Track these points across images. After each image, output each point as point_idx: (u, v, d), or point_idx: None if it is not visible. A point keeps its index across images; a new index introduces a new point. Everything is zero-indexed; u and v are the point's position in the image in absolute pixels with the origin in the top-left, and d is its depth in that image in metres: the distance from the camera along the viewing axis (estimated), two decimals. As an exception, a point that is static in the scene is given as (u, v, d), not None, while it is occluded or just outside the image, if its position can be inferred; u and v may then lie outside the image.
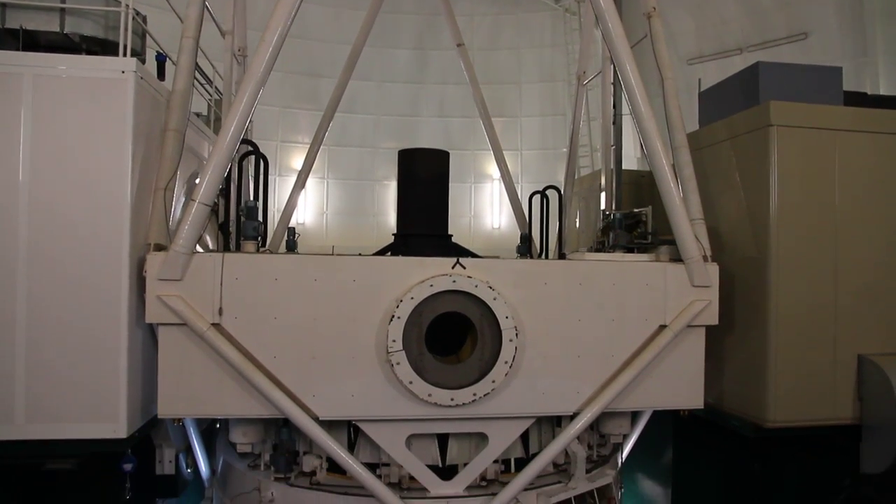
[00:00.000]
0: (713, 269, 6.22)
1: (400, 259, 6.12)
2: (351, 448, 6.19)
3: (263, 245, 6.87)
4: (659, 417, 7.95)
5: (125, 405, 5.47)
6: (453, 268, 5.64)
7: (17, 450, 5.46)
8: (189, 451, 7.26)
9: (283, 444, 6.32)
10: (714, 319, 6.23)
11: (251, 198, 6.78)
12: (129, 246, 5.45)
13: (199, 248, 5.82)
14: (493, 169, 14.75)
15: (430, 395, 5.52)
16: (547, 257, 8.91)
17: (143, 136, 5.67)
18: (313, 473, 6.20)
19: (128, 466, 5.88)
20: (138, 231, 5.60)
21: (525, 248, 8.86)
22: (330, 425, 6.11)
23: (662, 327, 6.10)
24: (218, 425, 7.43)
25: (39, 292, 5.39)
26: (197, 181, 5.81)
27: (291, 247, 6.94)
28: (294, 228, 7.41)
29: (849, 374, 6.69)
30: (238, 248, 6.24)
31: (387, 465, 6.06)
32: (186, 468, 7.49)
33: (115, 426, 5.45)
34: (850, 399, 6.66)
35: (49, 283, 5.40)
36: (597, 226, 8.65)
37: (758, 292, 6.66)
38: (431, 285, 5.51)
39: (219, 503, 6.97)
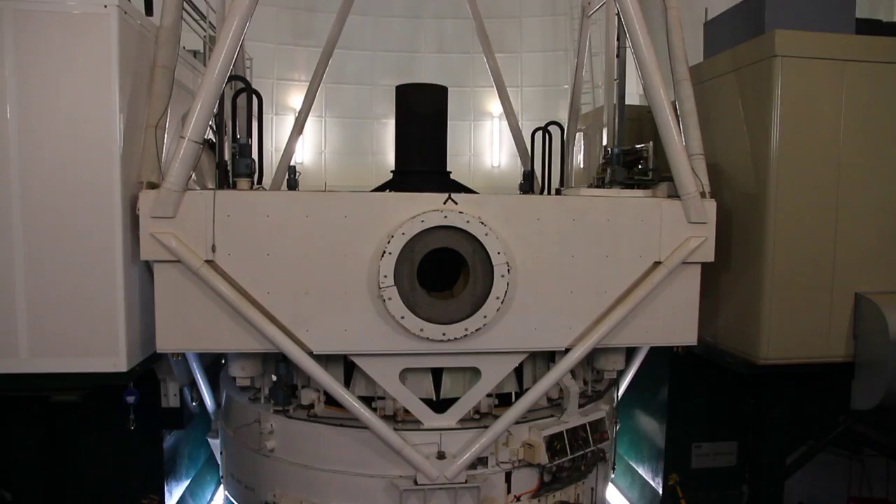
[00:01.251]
0: (710, 206, 6.14)
1: (391, 195, 6.11)
2: (348, 383, 6.34)
3: (259, 183, 6.87)
4: (655, 355, 8.03)
5: (124, 340, 5.59)
6: (445, 203, 5.61)
7: (24, 383, 5.63)
8: (193, 385, 7.46)
9: (281, 378, 6.47)
10: (710, 256, 6.19)
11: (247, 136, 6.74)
12: (120, 184, 5.45)
13: (197, 188, 5.82)
14: (492, 106, 14.45)
15: (421, 329, 5.58)
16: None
17: (129, 72, 5.59)
18: (311, 406, 6.37)
19: (130, 399, 6.05)
20: (130, 169, 5.61)
21: (528, 185, 8.77)
22: (327, 360, 6.24)
23: (657, 264, 6.07)
24: (224, 360, 7.60)
25: (35, 233, 5.45)
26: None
27: (293, 186, 6.93)
28: (295, 167, 7.38)
29: (844, 313, 6.68)
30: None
31: (382, 398, 6.19)
32: (192, 402, 7.71)
33: (116, 360, 5.59)
34: (844, 337, 6.67)
35: (43, 224, 5.45)
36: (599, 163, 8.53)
37: (755, 230, 6.59)
38: (423, 221, 5.50)
39: (224, 435, 7.20)
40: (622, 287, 6.03)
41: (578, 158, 10.77)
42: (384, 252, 5.47)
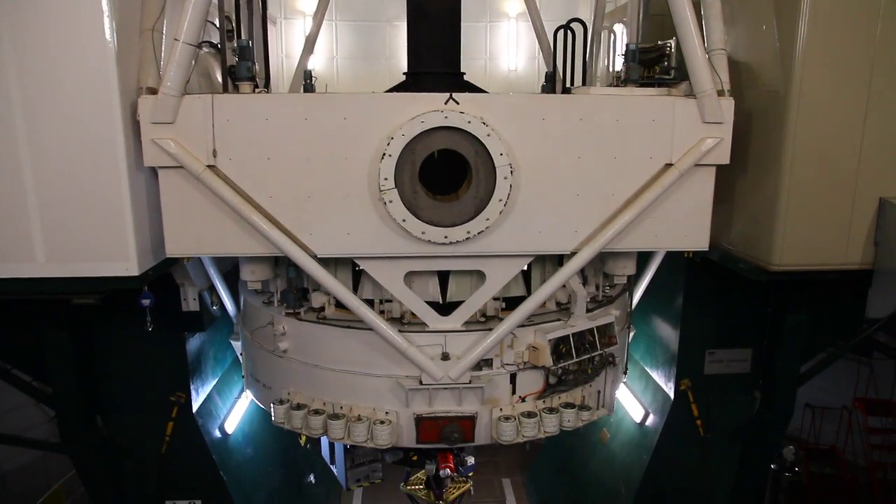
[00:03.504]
0: (727, 105, 5.82)
1: (390, 95, 5.94)
2: (357, 287, 6.43)
3: (266, 87, 6.77)
4: (673, 262, 7.93)
5: (134, 245, 5.72)
6: (446, 103, 5.46)
7: (42, 286, 5.86)
8: (213, 289, 7.69)
9: (291, 281, 6.60)
10: (725, 158, 5.93)
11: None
12: (118, 89, 5.39)
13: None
14: (508, 6, 13.70)
15: (423, 232, 5.56)
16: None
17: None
18: (322, 309, 6.51)
19: (145, 302, 6.27)
20: (128, 74, 5.53)
21: (550, 87, 8.43)
22: (336, 264, 6.32)
23: (668, 166, 5.87)
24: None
25: (40, 143, 5.49)
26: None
27: (309, 91, 6.81)
28: (311, 72, 7.21)
29: (865, 218, 6.42)
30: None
31: (389, 301, 6.29)
32: (213, 305, 7.97)
33: (127, 265, 5.74)
34: (863, 243, 6.44)
35: (48, 133, 5.47)
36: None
37: (776, 129, 6.28)
38: (423, 122, 5.36)
39: (243, 337, 7.46)
40: (631, 190, 5.86)
41: (604, 59, 10.29)
42: (384, 154, 5.39)
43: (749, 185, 6.75)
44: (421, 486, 8.80)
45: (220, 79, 6.44)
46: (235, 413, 9.17)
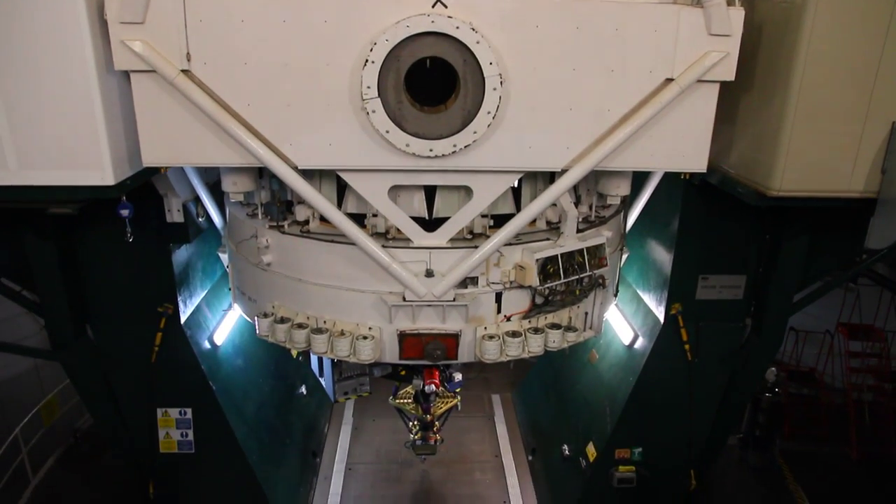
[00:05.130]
0: (737, 15, 5.43)
1: (374, -4, 5.56)
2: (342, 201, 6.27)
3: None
4: (671, 184, 7.72)
5: (108, 153, 5.48)
6: (433, 7, 5.11)
7: (17, 195, 5.66)
8: (199, 200, 7.52)
9: (274, 193, 6.44)
10: (730, 75, 5.59)
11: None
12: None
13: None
14: None
15: (407, 144, 5.33)
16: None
17: None
18: (307, 223, 6.37)
19: (124, 212, 6.11)
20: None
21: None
22: (321, 177, 6.13)
23: (669, 81, 5.56)
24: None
25: (5, 47, 5.15)
26: None
27: None
28: None
29: (874, 144, 6.12)
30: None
31: (375, 216, 6.13)
32: (198, 217, 7.83)
33: (102, 174, 5.53)
34: (867, 171, 6.17)
35: (11, 35, 5.11)
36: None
37: (788, 46, 5.90)
38: (408, 26, 5.02)
39: (230, 249, 7.36)
40: (628, 106, 5.57)
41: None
42: (367, 61, 5.08)
43: (754, 106, 6.43)
44: (409, 401, 8.95)
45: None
46: (225, 325, 9.20)
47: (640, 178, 7.33)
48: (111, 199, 5.89)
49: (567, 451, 10.72)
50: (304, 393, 12.39)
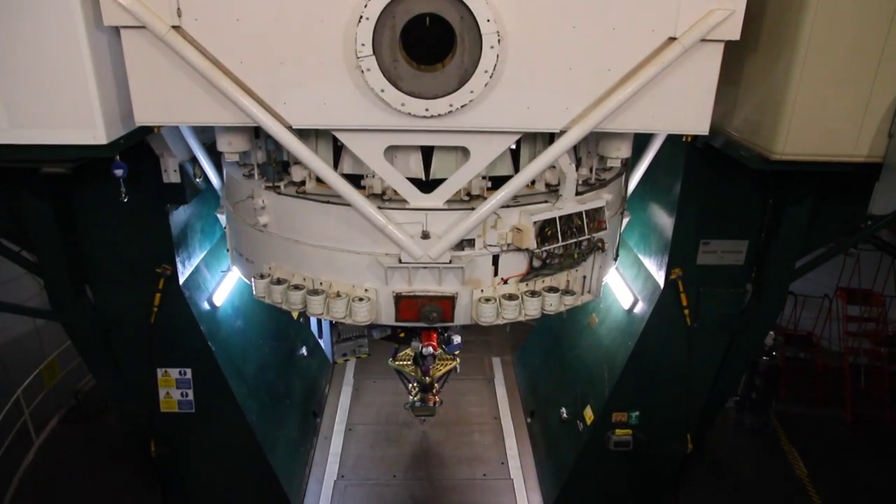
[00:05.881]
0: (743, -29, 5.29)
1: (369, -51, 5.40)
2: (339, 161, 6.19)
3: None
4: (674, 147, 7.60)
5: (100, 112, 5.41)
6: (430, -39, 4.96)
7: (9, 153, 5.63)
8: (196, 160, 7.46)
9: (270, 154, 6.37)
10: (735, 34, 5.43)
11: None
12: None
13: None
14: None
15: (403, 104, 5.23)
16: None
17: None
18: (303, 183, 6.31)
19: (118, 172, 6.05)
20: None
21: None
22: (317, 137, 6.05)
23: (672, 40, 5.42)
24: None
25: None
26: None
27: None
28: None
29: (882, 107, 5.96)
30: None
31: (372, 177, 6.06)
32: (195, 177, 7.77)
33: (94, 133, 5.47)
34: (873, 135, 6.03)
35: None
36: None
37: (795, 4, 5.73)
38: (403, -19, 4.90)
39: (227, 210, 7.32)
40: (629, 65, 5.43)
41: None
42: (361, 17, 4.96)
43: (759, 67, 6.28)
44: (408, 363, 9.00)
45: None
46: (224, 286, 9.21)
47: (642, 141, 7.22)
48: (105, 158, 5.85)
49: (565, 415, 10.82)
50: (305, 354, 12.49)
